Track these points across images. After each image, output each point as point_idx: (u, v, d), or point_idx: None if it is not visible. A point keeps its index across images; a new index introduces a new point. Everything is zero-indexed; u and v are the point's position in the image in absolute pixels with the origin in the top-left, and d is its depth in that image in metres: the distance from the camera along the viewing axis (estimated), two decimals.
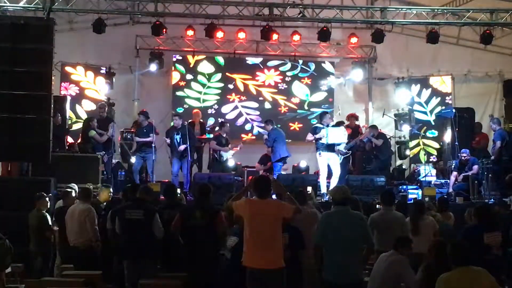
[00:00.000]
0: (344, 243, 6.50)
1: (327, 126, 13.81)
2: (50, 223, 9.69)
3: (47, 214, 9.79)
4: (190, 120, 15.25)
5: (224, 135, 14.97)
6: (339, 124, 14.73)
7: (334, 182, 13.31)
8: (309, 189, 12.16)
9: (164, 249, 8.26)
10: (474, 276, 5.72)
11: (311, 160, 16.04)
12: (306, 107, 18.36)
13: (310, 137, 14.02)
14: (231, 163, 15.03)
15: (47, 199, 10.03)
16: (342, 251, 6.49)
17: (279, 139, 14.45)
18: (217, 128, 15.60)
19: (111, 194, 10.74)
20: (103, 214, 9.33)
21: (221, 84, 18.17)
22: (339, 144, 13.86)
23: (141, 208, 8.08)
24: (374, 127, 15.44)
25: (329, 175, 13.91)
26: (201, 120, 16.11)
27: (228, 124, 15.60)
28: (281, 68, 18.42)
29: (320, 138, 13.65)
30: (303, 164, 15.98)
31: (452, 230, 9.22)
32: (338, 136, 13.77)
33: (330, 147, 13.72)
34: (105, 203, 10.11)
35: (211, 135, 15.42)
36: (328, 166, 13.79)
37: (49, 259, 9.66)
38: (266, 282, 6.60)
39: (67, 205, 9.57)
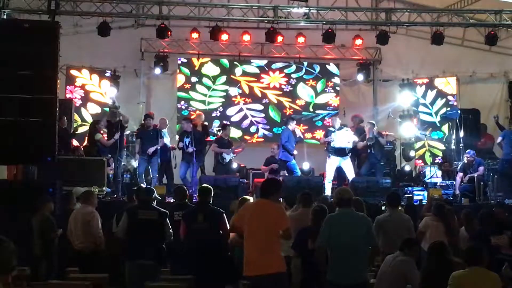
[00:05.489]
0: (348, 244, 6.49)
1: (337, 129, 14.02)
2: (54, 226, 9.69)
3: (51, 217, 9.79)
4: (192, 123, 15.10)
5: (226, 138, 14.92)
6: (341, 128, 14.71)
7: None
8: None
9: (171, 252, 8.30)
10: (485, 277, 5.99)
11: (314, 162, 16.03)
12: (311, 109, 18.36)
13: (322, 140, 14.74)
14: (234, 165, 15.01)
15: (51, 202, 10.03)
16: (346, 253, 6.48)
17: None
18: (221, 132, 15.52)
19: None
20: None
21: (226, 87, 18.19)
22: (350, 148, 13.93)
23: (154, 209, 8.15)
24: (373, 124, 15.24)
25: (341, 179, 14.00)
26: (205, 123, 16.03)
27: (229, 127, 15.53)
28: (286, 70, 18.42)
29: (330, 142, 13.91)
30: (306, 166, 15.95)
31: None
32: (343, 140, 13.85)
33: (341, 151, 13.82)
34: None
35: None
36: (341, 170, 13.90)
37: (54, 262, 9.67)
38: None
39: (70, 208, 9.61)
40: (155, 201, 8.41)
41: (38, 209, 9.75)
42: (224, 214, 7.89)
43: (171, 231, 8.11)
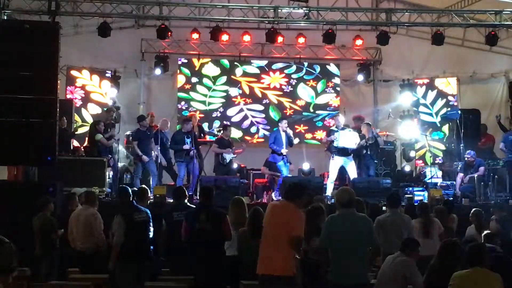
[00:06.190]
0: (349, 245, 6.48)
1: (340, 129, 13.95)
2: (55, 226, 9.69)
3: (52, 217, 9.80)
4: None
5: (227, 138, 14.89)
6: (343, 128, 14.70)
7: None
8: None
9: (172, 252, 8.32)
10: (487, 278, 5.98)
11: (314, 162, 16.02)
12: (311, 110, 18.36)
13: (324, 139, 14.75)
14: (234, 165, 14.99)
15: (52, 203, 10.03)
16: (347, 254, 6.47)
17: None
18: (221, 132, 15.50)
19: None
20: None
21: (227, 87, 18.18)
22: (353, 149, 13.92)
23: (143, 210, 8.30)
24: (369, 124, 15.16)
25: (343, 179, 13.98)
26: (199, 123, 15.99)
27: (230, 128, 15.49)
28: (286, 71, 18.42)
29: (333, 141, 13.82)
30: (306, 166, 15.94)
31: None
32: (349, 140, 13.80)
33: (344, 152, 13.79)
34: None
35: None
36: (344, 170, 13.90)
37: (55, 263, 9.67)
38: None
39: (72, 209, 9.60)
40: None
41: (39, 210, 9.75)
42: (226, 215, 7.89)
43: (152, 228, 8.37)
